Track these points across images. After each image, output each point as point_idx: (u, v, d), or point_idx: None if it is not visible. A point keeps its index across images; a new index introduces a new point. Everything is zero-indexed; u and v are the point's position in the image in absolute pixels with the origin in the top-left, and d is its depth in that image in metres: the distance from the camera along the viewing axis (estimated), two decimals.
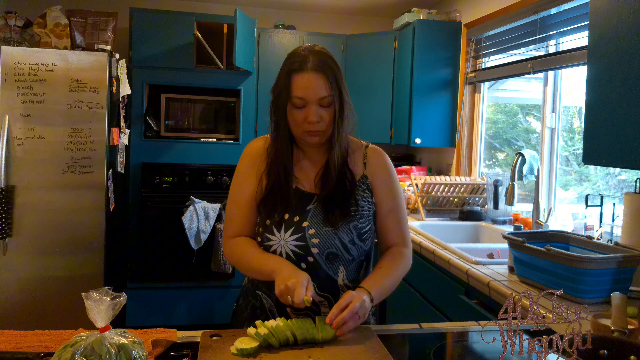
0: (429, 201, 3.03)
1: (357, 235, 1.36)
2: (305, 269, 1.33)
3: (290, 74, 1.34)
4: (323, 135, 1.37)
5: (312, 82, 1.32)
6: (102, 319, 0.91)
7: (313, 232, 1.34)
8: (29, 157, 2.93)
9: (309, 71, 1.32)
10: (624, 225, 1.78)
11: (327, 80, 1.33)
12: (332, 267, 1.34)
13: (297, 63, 1.34)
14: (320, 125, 1.34)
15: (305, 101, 1.32)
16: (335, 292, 1.35)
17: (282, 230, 1.35)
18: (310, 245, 1.33)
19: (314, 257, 1.33)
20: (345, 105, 1.38)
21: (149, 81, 3.62)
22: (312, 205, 1.37)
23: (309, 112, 1.32)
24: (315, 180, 1.41)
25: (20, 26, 3.19)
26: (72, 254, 3.01)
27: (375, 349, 1.11)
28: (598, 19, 1.51)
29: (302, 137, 1.37)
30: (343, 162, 1.41)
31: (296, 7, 4.22)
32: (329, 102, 1.34)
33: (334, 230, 1.34)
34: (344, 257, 1.35)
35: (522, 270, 1.74)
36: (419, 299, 2.39)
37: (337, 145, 1.38)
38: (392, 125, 3.83)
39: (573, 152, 2.74)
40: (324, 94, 1.32)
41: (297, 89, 1.32)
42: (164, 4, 3.97)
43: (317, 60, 1.33)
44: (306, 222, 1.35)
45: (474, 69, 3.48)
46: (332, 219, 1.35)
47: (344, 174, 1.40)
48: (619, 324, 1.13)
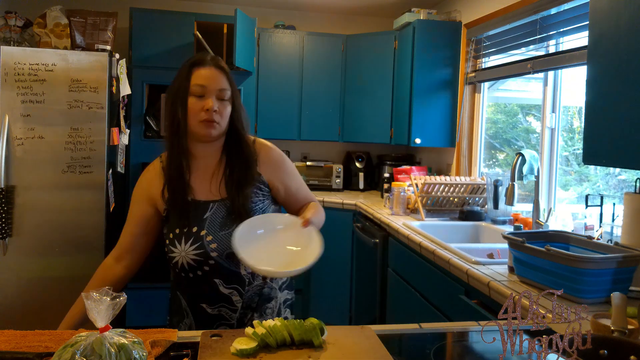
0: (429, 201, 3.03)
1: None
2: (208, 271, 1.42)
3: (192, 67, 1.43)
4: (217, 128, 1.44)
5: (213, 73, 1.43)
6: (102, 319, 0.91)
7: (211, 239, 1.42)
8: (29, 157, 2.93)
9: (210, 66, 1.44)
10: (624, 225, 1.77)
11: (226, 77, 1.45)
12: (233, 262, 1.42)
13: (198, 59, 1.45)
14: (217, 116, 1.42)
15: (205, 89, 1.41)
16: (241, 282, 1.45)
17: (182, 243, 1.43)
18: (209, 251, 1.42)
19: (215, 260, 1.42)
20: (241, 107, 1.50)
21: (149, 81, 3.62)
22: (208, 213, 1.45)
23: (207, 100, 1.40)
24: (211, 187, 1.48)
25: (20, 26, 3.19)
26: (72, 254, 3.01)
27: (375, 349, 1.11)
28: (598, 19, 1.50)
29: (198, 129, 1.42)
30: (249, 160, 1.49)
31: (296, 7, 4.22)
32: (227, 97, 1.44)
33: (231, 231, 1.40)
34: None
35: (522, 270, 1.74)
36: (419, 299, 2.39)
37: (239, 141, 1.48)
38: (392, 125, 3.83)
39: (573, 152, 2.74)
40: (224, 87, 1.43)
41: (197, 78, 1.41)
42: (164, 4, 3.97)
43: (217, 60, 1.46)
44: (204, 231, 1.43)
45: (474, 69, 3.48)
46: (230, 222, 1.43)
47: (243, 173, 1.48)
48: (619, 324, 1.13)
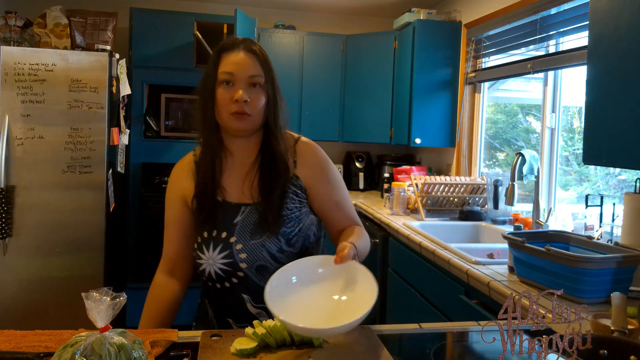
0: (429, 201, 3.03)
1: (285, 242, 1.28)
2: (237, 283, 1.29)
3: (221, 52, 1.27)
4: (250, 121, 1.26)
5: (242, 58, 1.24)
6: (102, 319, 0.91)
7: (240, 247, 1.27)
8: (29, 157, 2.93)
9: (240, 50, 1.26)
10: (624, 225, 1.78)
11: (258, 61, 1.26)
12: (264, 278, 1.24)
13: (229, 44, 1.27)
14: (248, 107, 1.24)
15: (234, 77, 1.23)
16: None
17: (210, 249, 1.28)
18: (238, 261, 1.27)
19: (244, 272, 1.27)
20: (278, 94, 1.30)
21: (149, 81, 3.62)
22: (239, 218, 1.29)
23: (236, 89, 1.23)
24: (243, 188, 1.31)
25: (20, 26, 3.19)
26: (72, 254, 3.01)
27: (376, 349, 1.11)
28: (598, 19, 1.50)
29: (228, 121, 1.25)
30: (281, 159, 1.31)
31: (296, 7, 4.22)
32: (260, 84, 1.25)
33: (261, 241, 1.26)
34: (274, 268, 1.25)
35: (522, 270, 1.74)
36: (419, 299, 2.39)
37: (277, 135, 1.29)
38: (392, 125, 3.83)
39: (573, 152, 2.73)
40: (255, 73, 1.24)
41: (225, 65, 1.24)
42: (164, 4, 3.97)
43: (249, 43, 1.28)
44: (233, 238, 1.28)
45: (474, 69, 3.48)
46: (260, 231, 1.27)
47: (280, 174, 1.30)
48: (619, 324, 1.13)
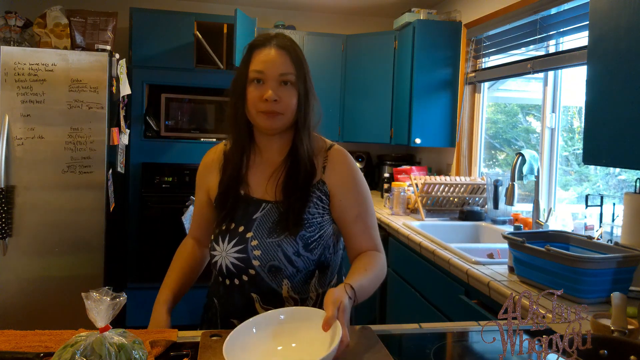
0: (429, 201, 3.03)
1: (303, 246, 1.24)
2: (247, 281, 1.26)
3: (253, 49, 1.25)
4: (280, 119, 1.24)
5: (273, 56, 1.22)
6: (102, 319, 0.91)
7: (256, 244, 1.24)
8: (29, 157, 2.93)
9: (271, 46, 1.23)
10: (624, 225, 1.78)
11: (290, 58, 1.23)
12: (276, 279, 1.24)
13: (261, 40, 1.25)
14: (278, 106, 1.21)
15: (264, 75, 1.21)
16: (279, 304, 1.25)
17: (226, 241, 1.27)
18: (252, 258, 1.24)
19: (256, 270, 1.24)
20: (310, 92, 1.27)
21: (149, 81, 3.62)
22: (259, 214, 1.27)
23: (266, 88, 1.21)
24: (267, 185, 1.30)
25: (20, 26, 3.19)
26: (72, 254, 3.01)
27: (376, 349, 1.11)
28: (598, 19, 1.51)
29: (257, 120, 1.24)
30: (308, 161, 1.28)
31: (296, 7, 4.22)
32: (290, 82, 1.23)
33: (278, 241, 1.24)
34: (287, 270, 1.24)
35: (522, 270, 1.74)
36: (419, 299, 2.39)
37: (305, 136, 1.27)
38: (392, 125, 3.83)
39: (573, 152, 2.73)
40: (285, 71, 1.22)
41: (256, 63, 1.22)
42: (164, 4, 3.97)
43: (282, 39, 1.25)
44: (250, 233, 1.25)
45: (474, 69, 3.48)
46: (279, 230, 1.24)
47: (306, 176, 1.28)
48: (619, 324, 1.13)
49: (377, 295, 2.98)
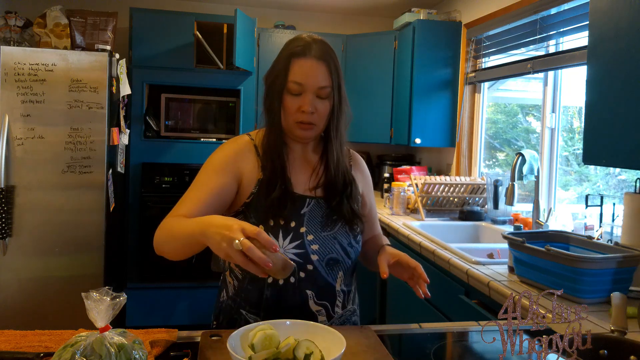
0: (429, 201, 3.03)
1: (353, 237, 1.31)
2: (304, 277, 1.24)
3: (292, 57, 1.24)
4: (315, 130, 1.28)
5: (313, 69, 1.23)
6: (102, 319, 0.91)
7: (312, 238, 1.25)
8: (29, 157, 2.93)
9: (311, 57, 1.23)
10: (624, 225, 1.77)
11: (328, 70, 1.25)
12: (332, 273, 1.27)
13: (301, 47, 1.24)
14: (314, 118, 1.25)
15: (303, 88, 1.23)
16: (332, 298, 1.27)
17: (280, 237, 1.23)
18: (310, 252, 1.24)
19: (314, 265, 1.24)
20: (343, 101, 1.31)
21: (149, 81, 3.62)
22: (306, 209, 1.28)
23: (304, 101, 1.23)
24: (310, 182, 1.32)
25: (20, 26, 3.19)
26: (72, 254, 3.01)
27: (376, 349, 1.11)
28: (598, 19, 1.51)
29: (293, 129, 1.27)
30: (343, 160, 1.35)
31: (296, 7, 4.22)
32: (327, 94, 1.26)
33: (333, 234, 1.27)
34: (345, 262, 1.29)
35: (522, 270, 1.74)
36: (419, 299, 2.39)
37: (337, 142, 1.32)
38: (392, 125, 3.83)
39: (573, 152, 2.74)
40: (324, 84, 1.24)
41: (296, 74, 1.23)
42: (164, 4, 3.97)
43: (320, 48, 1.25)
44: (303, 228, 1.25)
45: (474, 69, 3.48)
46: (332, 223, 1.28)
47: (345, 173, 1.35)
48: (619, 324, 1.13)
49: (377, 295, 2.98)
